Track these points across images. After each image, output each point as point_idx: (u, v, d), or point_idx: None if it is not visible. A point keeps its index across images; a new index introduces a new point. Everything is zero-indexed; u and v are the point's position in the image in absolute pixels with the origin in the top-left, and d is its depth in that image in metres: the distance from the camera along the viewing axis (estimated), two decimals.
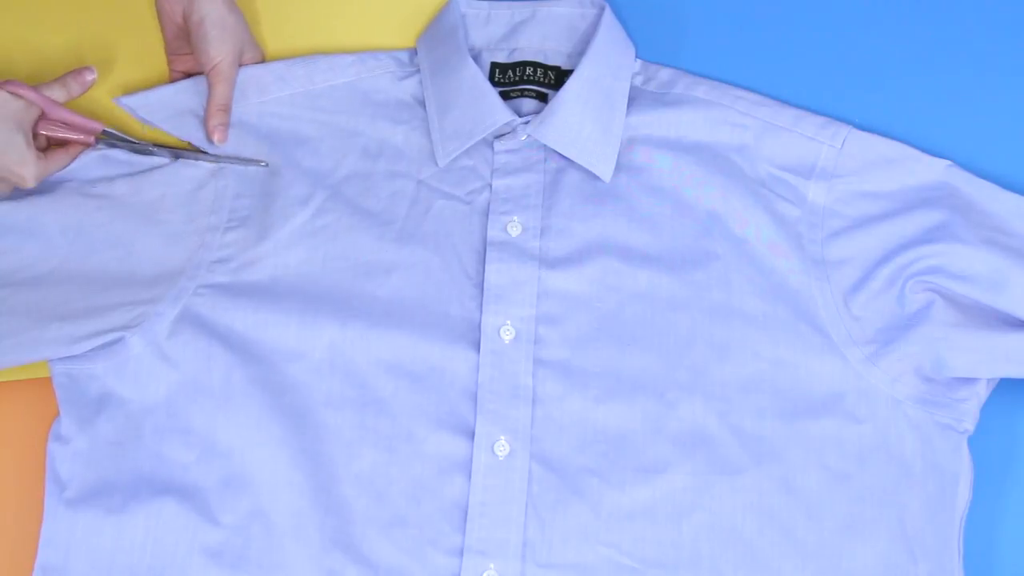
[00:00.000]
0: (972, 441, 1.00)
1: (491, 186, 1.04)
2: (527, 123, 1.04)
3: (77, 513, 0.96)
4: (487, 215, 1.03)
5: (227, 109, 1.05)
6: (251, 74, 1.07)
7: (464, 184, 1.05)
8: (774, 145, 1.05)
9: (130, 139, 1.05)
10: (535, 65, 1.09)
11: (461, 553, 0.95)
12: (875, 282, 1.01)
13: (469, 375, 0.99)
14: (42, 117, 1.02)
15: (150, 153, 1.05)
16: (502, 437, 0.97)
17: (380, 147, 1.06)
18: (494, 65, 1.09)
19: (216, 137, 1.04)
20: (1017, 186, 1.05)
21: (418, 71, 1.09)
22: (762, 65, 1.10)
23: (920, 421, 0.99)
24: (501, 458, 0.97)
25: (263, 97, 1.07)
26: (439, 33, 1.08)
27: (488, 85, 1.04)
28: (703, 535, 0.96)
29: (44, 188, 1.03)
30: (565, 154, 1.03)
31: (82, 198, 1.03)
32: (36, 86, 1.02)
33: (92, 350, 0.98)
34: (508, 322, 1.00)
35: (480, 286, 1.01)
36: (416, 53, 1.10)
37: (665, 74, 1.09)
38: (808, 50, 1.11)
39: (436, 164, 1.05)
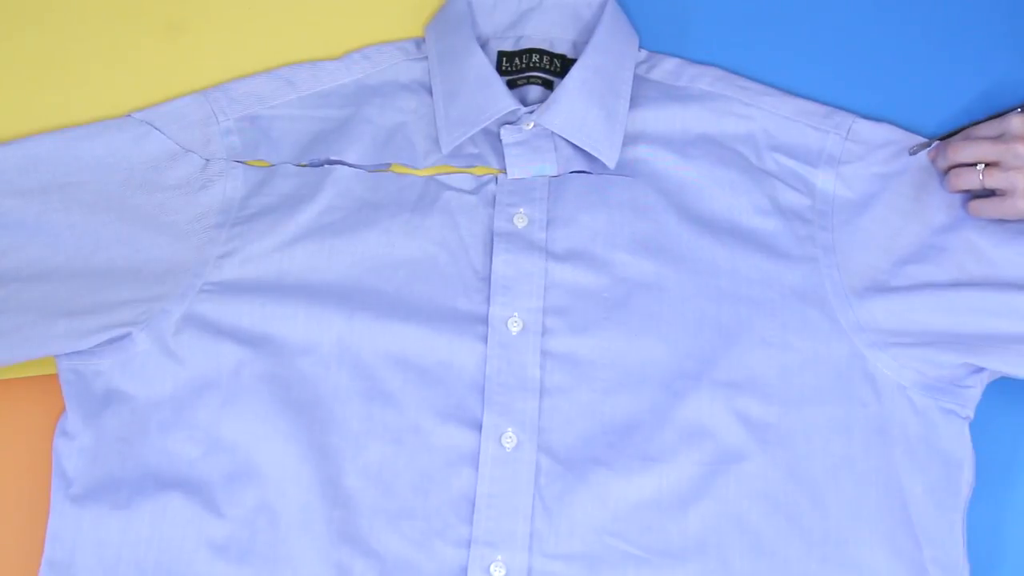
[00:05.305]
0: (976, 436, 1.00)
1: (497, 177, 1.04)
2: (532, 112, 1.04)
3: (83, 509, 0.96)
4: (494, 206, 1.03)
5: None
6: (257, 82, 1.07)
7: (471, 175, 1.05)
8: (780, 135, 1.06)
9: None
10: (541, 52, 1.09)
11: (468, 544, 0.96)
12: (884, 274, 1.01)
13: (476, 367, 0.99)
14: None
15: None
16: (509, 429, 0.97)
17: (388, 137, 1.06)
18: (501, 54, 1.09)
19: None
20: None
21: (425, 58, 1.08)
22: (766, 55, 1.10)
23: (924, 407, 0.99)
24: (508, 450, 0.97)
25: (272, 102, 1.07)
26: (447, 22, 1.08)
27: (495, 74, 1.03)
28: (710, 524, 0.96)
29: (50, 186, 1.02)
30: (571, 139, 1.03)
31: (91, 195, 1.02)
32: None
33: (99, 346, 0.98)
34: (515, 314, 1.00)
35: (487, 279, 1.01)
36: (423, 41, 1.09)
37: (669, 64, 1.09)
38: (813, 40, 1.11)
39: (441, 151, 1.05)
